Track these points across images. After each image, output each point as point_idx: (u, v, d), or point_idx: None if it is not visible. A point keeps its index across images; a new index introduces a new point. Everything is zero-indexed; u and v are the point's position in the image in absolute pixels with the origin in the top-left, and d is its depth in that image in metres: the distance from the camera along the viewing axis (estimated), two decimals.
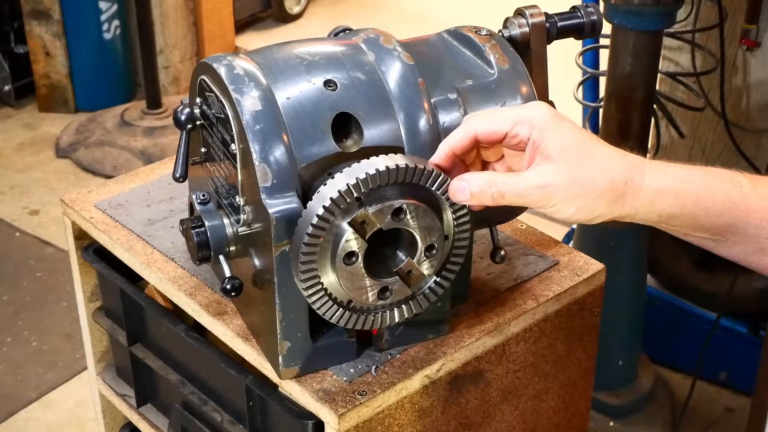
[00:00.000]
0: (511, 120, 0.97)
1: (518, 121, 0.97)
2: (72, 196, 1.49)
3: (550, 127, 0.96)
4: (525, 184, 0.95)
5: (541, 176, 0.95)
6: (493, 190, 0.96)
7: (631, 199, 0.95)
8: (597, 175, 0.94)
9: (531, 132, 0.96)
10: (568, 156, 0.94)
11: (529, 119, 0.97)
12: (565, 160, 0.94)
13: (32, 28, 3.96)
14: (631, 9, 2.02)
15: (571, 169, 0.94)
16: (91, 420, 2.31)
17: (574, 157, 0.94)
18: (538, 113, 0.97)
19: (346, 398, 1.12)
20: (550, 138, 0.95)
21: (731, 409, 2.54)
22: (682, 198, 0.95)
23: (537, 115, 0.97)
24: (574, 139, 0.95)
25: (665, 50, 2.52)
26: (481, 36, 1.20)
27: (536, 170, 0.95)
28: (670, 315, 2.63)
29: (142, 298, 1.39)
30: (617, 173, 0.95)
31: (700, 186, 0.96)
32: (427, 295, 1.10)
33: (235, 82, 1.08)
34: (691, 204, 0.95)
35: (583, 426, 1.47)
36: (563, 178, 0.94)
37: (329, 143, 1.07)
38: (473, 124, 1.00)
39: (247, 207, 1.10)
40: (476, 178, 0.98)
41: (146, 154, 3.71)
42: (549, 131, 0.95)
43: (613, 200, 0.95)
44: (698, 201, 0.95)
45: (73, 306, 1.62)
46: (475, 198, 0.98)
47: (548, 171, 0.94)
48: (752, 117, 2.58)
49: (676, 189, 0.96)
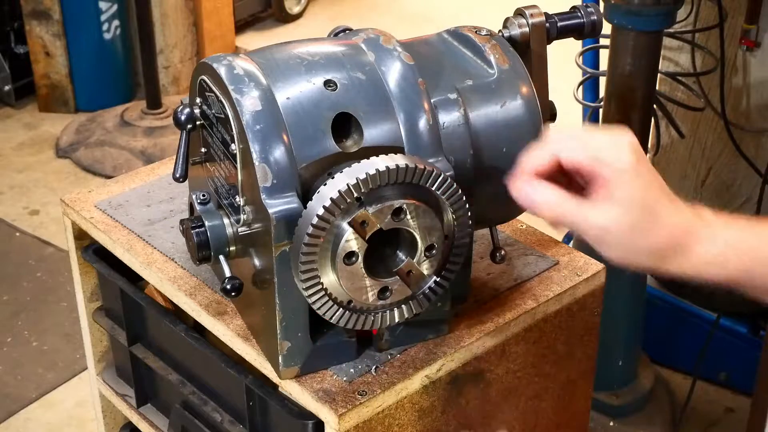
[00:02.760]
0: (594, 157, 0.96)
1: (600, 159, 0.95)
2: (72, 196, 1.49)
3: (629, 174, 0.95)
4: (587, 221, 0.95)
5: (603, 218, 0.94)
6: (556, 213, 0.96)
7: (678, 264, 0.95)
8: (655, 235, 0.94)
9: (610, 175, 0.95)
10: (635, 209, 0.94)
11: (611, 160, 0.95)
12: (631, 211, 0.94)
13: (32, 28, 3.96)
14: (631, 9, 2.02)
15: (633, 221, 0.94)
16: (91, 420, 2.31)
17: (640, 211, 0.94)
18: (622, 156, 0.95)
19: (346, 398, 1.12)
20: (625, 184, 0.94)
21: (731, 409, 2.54)
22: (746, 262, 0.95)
23: (619, 161, 0.95)
24: (646, 195, 0.95)
25: (665, 50, 2.52)
26: (481, 36, 1.20)
27: (601, 209, 0.95)
28: (670, 315, 2.63)
29: (142, 298, 1.39)
30: (672, 236, 0.95)
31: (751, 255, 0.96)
32: (427, 295, 1.10)
33: (235, 82, 1.08)
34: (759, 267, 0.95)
35: (583, 426, 1.47)
36: (624, 227, 0.94)
37: (329, 143, 1.07)
38: (556, 148, 0.98)
39: (247, 207, 1.10)
40: (543, 194, 0.97)
41: (146, 154, 3.70)
42: (626, 177, 0.94)
43: (660, 260, 0.95)
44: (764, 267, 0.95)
45: (73, 306, 1.62)
46: (534, 210, 0.98)
47: (612, 215, 0.94)
48: (752, 117, 2.58)
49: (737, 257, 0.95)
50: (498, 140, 1.16)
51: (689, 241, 0.95)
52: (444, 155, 1.11)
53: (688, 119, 2.64)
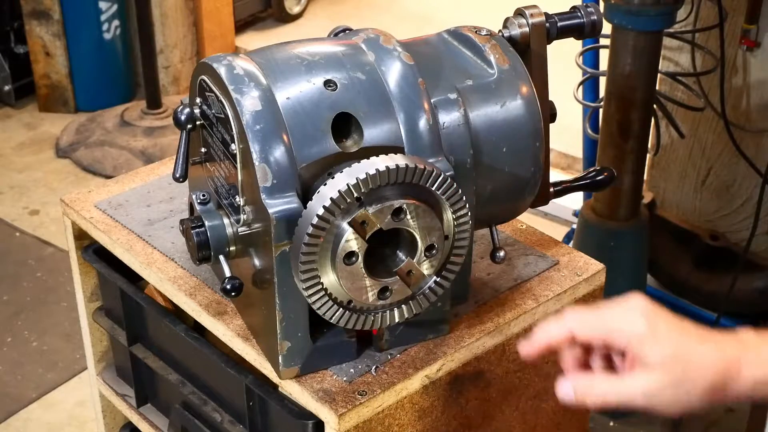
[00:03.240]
0: (607, 329, 0.97)
1: (614, 330, 0.97)
2: (72, 196, 1.49)
3: (647, 339, 0.96)
4: (629, 392, 0.96)
5: (643, 385, 0.95)
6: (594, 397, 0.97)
7: (731, 393, 0.96)
8: (701, 380, 0.95)
9: (627, 344, 0.96)
10: (669, 365, 0.95)
11: (625, 331, 0.96)
12: (665, 369, 0.95)
13: (32, 28, 3.96)
14: (631, 9, 2.02)
15: (674, 378, 0.95)
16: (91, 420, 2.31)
17: (673, 364, 0.95)
18: (634, 324, 0.97)
19: (346, 398, 1.12)
20: (649, 349, 0.95)
21: (731, 409, 2.54)
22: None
23: (633, 328, 0.96)
24: (672, 345, 0.96)
25: (665, 50, 2.52)
26: (481, 36, 1.20)
27: (638, 378, 0.96)
28: None
29: (142, 298, 1.39)
30: (716, 373, 0.95)
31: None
32: (427, 295, 1.10)
33: (235, 82, 1.08)
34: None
35: (583, 426, 1.47)
36: (668, 386, 0.95)
37: (329, 143, 1.07)
38: (570, 324, 0.99)
39: (247, 207, 1.10)
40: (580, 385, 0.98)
41: (146, 154, 3.70)
42: (646, 344, 0.95)
43: (712, 396, 0.95)
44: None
45: (73, 306, 1.62)
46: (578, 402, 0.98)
47: (651, 380, 0.95)
48: (752, 117, 2.58)
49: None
50: (498, 140, 1.16)
51: (736, 371, 0.95)
52: (444, 155, 1.11)
53: (688, 119, 2.64)
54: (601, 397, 0.97)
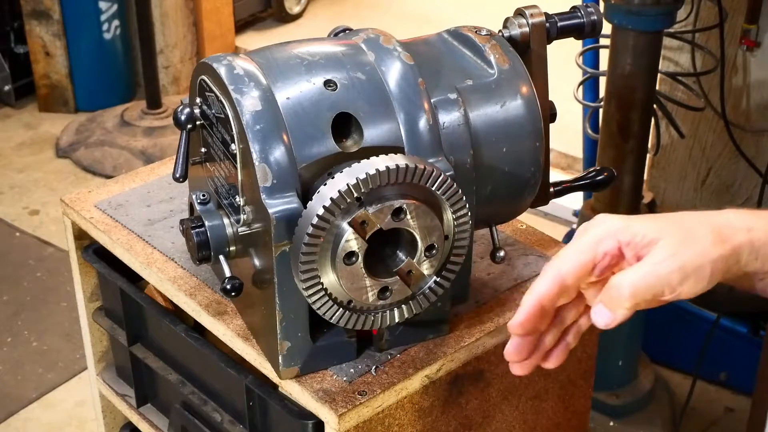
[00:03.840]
0: (592, 244, 0.90)
1: (599, 240, 0.90)
2: (72, 196, 1.49)
3: (632, 224, 0.90)
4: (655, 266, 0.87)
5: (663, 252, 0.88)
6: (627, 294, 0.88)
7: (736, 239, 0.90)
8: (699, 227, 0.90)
9: (617, 242, 0.90)
10: (667, 229, 0.90)
11: (608, 233, 0.90)
12: (668, 231, 0.89)
13: (32, 28, 3.96)
14: (631, 9, 2.02)
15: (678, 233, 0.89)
16: (91, 420, 2.31)
17: (671, 225, 0.90)
18: (611, 223, 0.91)
19: (346, 398, 1.12)
20: (640, 229, 0.90)
21: (731, 409, 2.54)
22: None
23: (612, 225, 0.91)
24: (657, 217, 0.92)
25: (665, 50, 2.52)
26: (481, 36, 1.20)
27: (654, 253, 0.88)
28: (670, 315, 2.63)
29: (142, 298, 1.39)
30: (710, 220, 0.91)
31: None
32: (427, 295, 1.10)
33: (235, 82, 1.08)
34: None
35: (583, 426, 1.47)
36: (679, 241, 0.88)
37: (329, 143, 1.07)
38: (556, 269, 0.90)
39: (247, 207, 1.10)
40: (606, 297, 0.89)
41: (146, 154, 3.71)
42: (634, 229, 0.90)
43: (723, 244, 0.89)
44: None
45: (73, 306, 1.62)
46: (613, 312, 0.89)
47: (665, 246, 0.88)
48: (752, 117, 2.58)
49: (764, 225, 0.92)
50: (498, 140, 1.16)
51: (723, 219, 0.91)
52: (444, 155, 1.11)
53: (688, 119, 2.64)
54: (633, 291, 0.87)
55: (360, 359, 1.18)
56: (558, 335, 0.97)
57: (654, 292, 0.88)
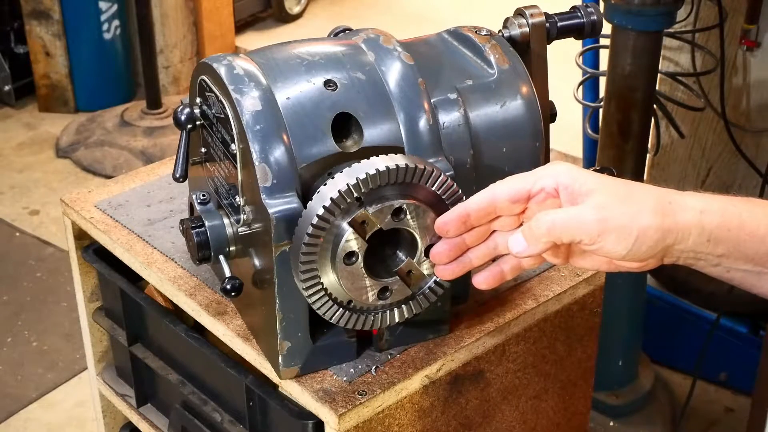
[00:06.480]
0: (533, 178, 0.95)
1: (540, 176, 0.95)
2: (72, 196, 1.49)
3: (577, 172, 0.94)
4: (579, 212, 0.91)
5: (593, 202, 0.91)
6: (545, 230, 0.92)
7: (681, 216, 0.92)
8: (641, 195, 0.92)
9: (556, 183, 0.93)
10: (610, 185, 0.92)
11: (551, 173, 0.94)
12: (608, 188, 0.92)
13: (32, 28, 3.96)
14: (631, 9, 2.02)
15: (617, 193, 0.92)
16: (91, 420, 2.31)
17: (614, 184, 0.93)
18: (559, 166, 0.95)
19: (346, 398, 1.12)
20: (582, 178, 0.93)
21: (731, 409, 2.54)
22: (727, 218, 0.93)
23: (559, 168, 0.94)
24: (605, 177, 0.94)
25: (665, 50, 2.52)
26: (481, 36, 1.20)
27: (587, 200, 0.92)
28: (670, 315, 2.63)
29: (142, 298, 1.39)
30: (659, 193, 0.93)
31: (743, 209, 0.94)
32: (427, 295, 1.10)
33: (235, 82, 1.08)
34: (735, 227, 0.93)
35: (583, 426, 1.47)
36: (614, 200, 0.91)
37: (329, 143, 1.07)
38: (492, 189, 0.97)
39: (247, 207, 1.10)
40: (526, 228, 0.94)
41: (146, 154, 3.71)
42: (577, 176, 0.93)
43: (663, 217, 0.91)
44: (742, 223, 0.93)
45: (73, 306, 1.62)
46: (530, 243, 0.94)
47: (598, 197, 0.91)
48: (752, 117, 2.58)
49: (720, 208, 0.93)
50: (498, 140, 1.16)
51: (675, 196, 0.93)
52: (444, 155, 1.11)
53: (688, 119, 2.64)
54: (550, 227, 0.91)
55: (360, 359, 1.18)
56: (487, 255, 1.01)
57: (571, 235, 0.92)
